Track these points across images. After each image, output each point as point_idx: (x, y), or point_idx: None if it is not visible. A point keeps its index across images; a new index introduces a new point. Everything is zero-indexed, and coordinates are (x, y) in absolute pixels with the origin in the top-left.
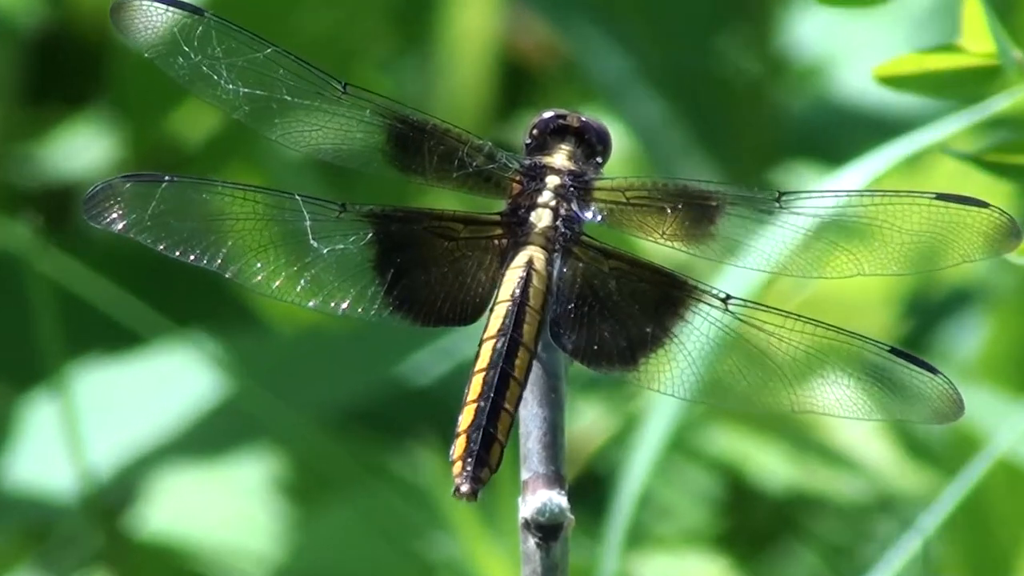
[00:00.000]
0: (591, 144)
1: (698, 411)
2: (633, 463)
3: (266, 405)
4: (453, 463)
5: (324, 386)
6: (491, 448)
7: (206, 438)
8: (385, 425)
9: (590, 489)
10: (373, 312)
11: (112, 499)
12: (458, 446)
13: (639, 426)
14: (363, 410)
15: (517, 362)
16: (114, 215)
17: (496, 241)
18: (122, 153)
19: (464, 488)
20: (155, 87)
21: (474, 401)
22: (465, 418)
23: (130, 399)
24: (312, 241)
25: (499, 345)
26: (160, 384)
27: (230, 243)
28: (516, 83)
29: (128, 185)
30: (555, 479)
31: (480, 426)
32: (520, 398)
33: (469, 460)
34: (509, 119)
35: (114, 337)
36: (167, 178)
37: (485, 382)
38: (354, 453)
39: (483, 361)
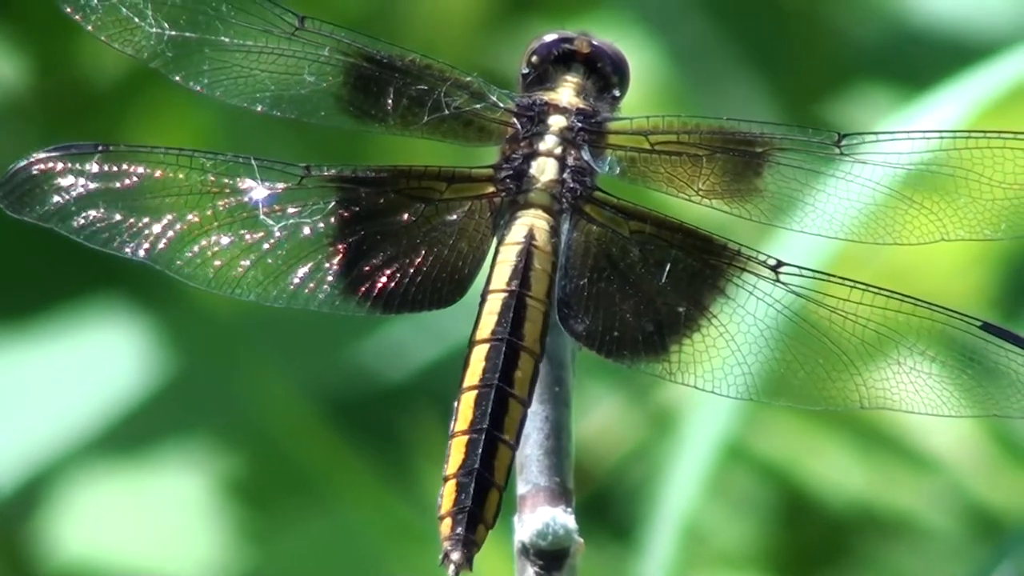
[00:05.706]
0: (605, 75)
1: (746, 406)
2: (672, 483)
3: (211, 393)
4: (441, 519)
5: (278, 372)
6: (487, 498)
7: (132, 433)
8: (359, 422)
9: (603, 505)
10: (320, 299)
11: (12, 510)
12: (446, 497)
13: (669, 429)
14: (330, 403)
15: (518, 374)
16: (38, 200)
17: (487, 201)
18: (18, 89)
19: (455, 556)
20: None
21: (464, 432)
22: (454, 458)
23: (34, 384)
24: (263, 216)
25: (493, 353)
26: (72, 366)
27: (159, 226)
28: None
29: (52, 162)
30: (560, 493)
31: (472, 470)
32: (523, 421)
33: (460, 517)
34: (508, 38)
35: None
36: (100, 148)
37: (477, 405)
38: (323, 453)
39: (474, 375)
